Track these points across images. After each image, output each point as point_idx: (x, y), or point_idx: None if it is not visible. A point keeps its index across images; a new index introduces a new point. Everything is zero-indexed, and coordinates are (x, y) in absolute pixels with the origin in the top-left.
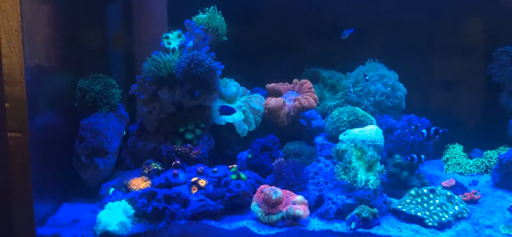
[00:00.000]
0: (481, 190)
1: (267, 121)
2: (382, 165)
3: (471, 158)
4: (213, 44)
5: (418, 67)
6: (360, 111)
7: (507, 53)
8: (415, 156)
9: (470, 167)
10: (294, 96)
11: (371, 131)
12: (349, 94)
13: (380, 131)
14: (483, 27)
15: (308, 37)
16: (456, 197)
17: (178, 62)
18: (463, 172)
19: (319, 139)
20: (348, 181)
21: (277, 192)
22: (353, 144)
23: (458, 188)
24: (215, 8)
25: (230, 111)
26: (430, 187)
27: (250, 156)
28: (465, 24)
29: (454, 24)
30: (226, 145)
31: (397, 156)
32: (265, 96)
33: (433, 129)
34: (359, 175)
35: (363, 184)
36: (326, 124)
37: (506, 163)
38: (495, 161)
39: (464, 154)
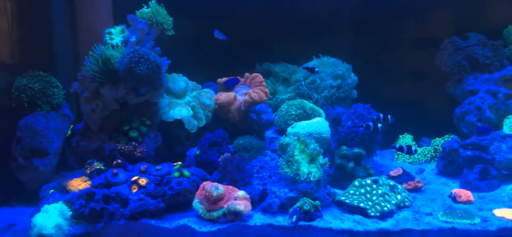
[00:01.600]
0: (426, 178)
1: (221, 116)
2: (326, 158)
3: (420, 147)
4: (159, 39)
5: (371, 59)
6: (308, 104)
7: (453, 43)
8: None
9: (418, 155)
10: (245, 90)
11: (318, 123)
12: (300, 87)
13: (326, 123)
14: (433, 18)
15: (268, 32)
16: (399, 186)
17: (120, 58)
18: (412, 161)
19: (268, 133)
20: (291, 174)
21: (218, 188)
22: (296, 137)
23: (405, 177)
24: (156, 2)
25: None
26: (373, 178)
27: (198, 152)
28: (416, 15)
29: (405, 15)
30: (176, 142)
31: (344, 147)
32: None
33: (381, 116)
34: (301, 168)
35: (305, 176)
36: (275, 117)
37: (449, 151)
38: (440, 149)
39: (414, 143)
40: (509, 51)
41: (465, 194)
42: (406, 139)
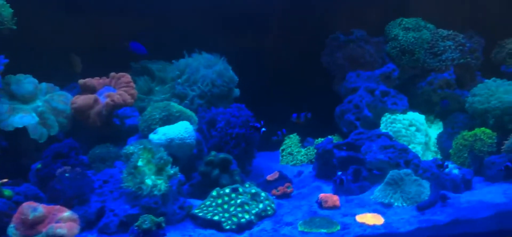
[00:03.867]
0: (303, 181)
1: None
2: (176, 168)
3: (304, 147)
4: None
5: (256, 57)
6: (175, 106)
7: (337, 39)
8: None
9: (301, 157)
10: (109, 92)
11: (181, 127)
12: (176, 86)
13: (191, 127)
14: (320, 15)
15: (140, 27)
16: (263, 193)
17: None
18: (296, 162)
19: (132, 140)
20: (133, 188)
21: (36, 210)
22: (142, 146)
23: (282, 181)
24: None
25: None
26: (233, 186)
27: (39, 166)
28: (303, 11)
29: (291, 12)
30: (23, 153)
31: (213, 152)
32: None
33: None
34: (146, 180)
35: (149, 190)
36: (139, 122)
37: (322, 152)
38: None
39: (299, 143)
40: (390, 48)
41: (331, 199)
42: (292, 140)
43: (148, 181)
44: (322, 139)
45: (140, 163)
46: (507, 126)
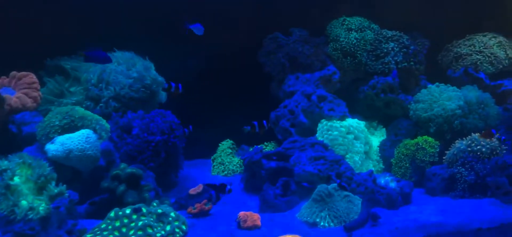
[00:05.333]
0: (229, 195)
1: None
2: (63, 186)
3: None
4: None
5: (188, 59)
6: (79, 111)
7: (275, 39)
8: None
9: (233, 166)
10: (6, 95)
11: (81, 136)
12: (90, 87)
13: (94, 136)
14: (257, 15)
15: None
16: (172, 213)
17: None
18: (227, 173)
19: (29, 151)
20: (5, 212)
21: None
22: (21, 159)
23: (206, 195)
24: None
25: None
26: (135, 206)
27: None
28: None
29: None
30: None
31: (123, 165)
32: None
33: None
34: (21, 202)
35: (24, 214)
36: (37, 130)
37: (248, 163)
38: None
39: (230, 150)
40: (331, 49)
41: (251, 218)
42: (223, 147)
43: (24, 203)
44: (258, 146)
45: (15, 181)
46: (447, 135)
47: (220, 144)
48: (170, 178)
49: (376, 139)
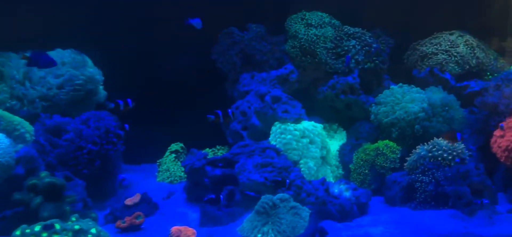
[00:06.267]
0: (170, 205)
1: None
2: None
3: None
4: None
5: (137, 56)
6: None
7: (230, 35)
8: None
9: (180, 172)
10: None
11: None
12: (14, 86)
13: (7, 141)
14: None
15: None
16: (93, 229)
17: None
18: (173, 179)
19: None
20: None
21: None
22: None
23: (144, 205)
24: None
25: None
26: (46, 223)
27: None
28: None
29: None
30: None
31: (44, 173)
32: None
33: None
34: None
35: None
36: None
37: (190, 171)
38: None
39: (178, 154)
40: (289, 47)
41: (185, 233)
42: (172, 149)
43: None
44: (210, 150)
45: None
46: (409, 140)
47: (168, 149)
48: (106, 186)
49: (336, 142)
